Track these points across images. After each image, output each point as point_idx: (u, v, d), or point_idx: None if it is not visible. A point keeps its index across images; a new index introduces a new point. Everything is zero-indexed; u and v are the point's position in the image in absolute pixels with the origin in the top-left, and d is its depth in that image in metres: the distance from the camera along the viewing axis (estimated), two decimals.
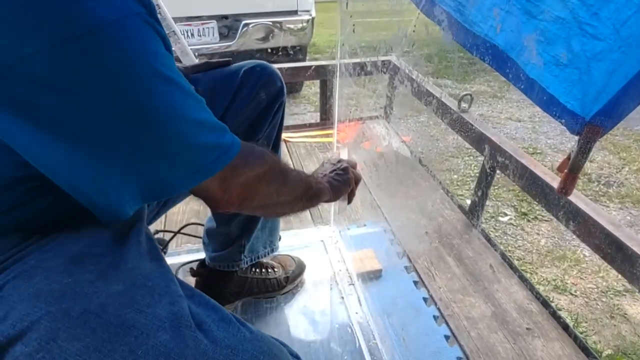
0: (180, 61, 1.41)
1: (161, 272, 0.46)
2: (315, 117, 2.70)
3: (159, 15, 1.34)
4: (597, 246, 1.01)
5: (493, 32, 0.80)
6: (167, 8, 1.49)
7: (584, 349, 1.08)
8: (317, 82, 2.20)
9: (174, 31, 1.30)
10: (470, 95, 1.53)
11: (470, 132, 1.44)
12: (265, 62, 0.86)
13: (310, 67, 1.67)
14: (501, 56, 0.80)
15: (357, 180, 0.83)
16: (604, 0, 0.65)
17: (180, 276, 1.16)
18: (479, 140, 1.42)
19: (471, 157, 2.76)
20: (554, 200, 1.12)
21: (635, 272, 0.92)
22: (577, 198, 1.06)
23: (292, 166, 0.69)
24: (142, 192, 0.45)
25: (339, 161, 0.83)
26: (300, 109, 3.59)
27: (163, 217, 1.47)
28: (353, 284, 1.21)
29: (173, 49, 1.38)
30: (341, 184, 0.78)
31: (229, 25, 3.00)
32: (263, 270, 1.11)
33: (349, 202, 0.85)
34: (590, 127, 0.72)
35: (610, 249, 0.97)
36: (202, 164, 0.47)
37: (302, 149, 2.01)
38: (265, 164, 0.56)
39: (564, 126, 0.76)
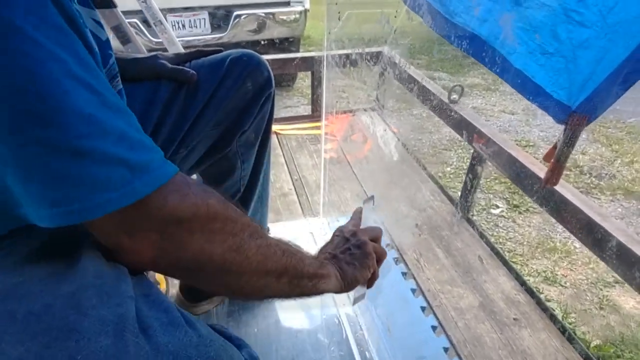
0: (167, 50, 1.39)
1: (114, 273, 0.42)
2: (309, 110, 2.68)
3: (143, 4, 1.30)
4: (583, 236, 1.01)
5: (476, 23, 0.79)
6: None
7: (571, 338, 1.08)
8: (309, 73, 2.18)
9: (160, 20, 1.27)
10: (461, 86, 1.53)
11: (458, 123, 1.44)
12: (252, 52, 0.84)
13: (297, 58, 1.65)
14: (484, 47, 0.79)
15: (379, 258, 0.64)
16: None
17: None
18: (467, 131, 1.41)
19: (464, 150, 2.76)
20: (537, 189, 1.12)
21: (615, 259, 0.92)
22: (563, 188, 1.05)
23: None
24: None
25: (354, 233, 0.64)
26: (293, 102, 3.57)
27: None
28: None
29: (160, 39, 1.36)
30: (355, 269, 0.59)
31: (220, 16, 2.97)
32: None
33: (369, 286, 0.66)
34: (576, 117, 0.71)
35: (595, 238, 0.97)
36: (94, 185, 0.35)
37: (294, 141, 2.00)
38: (206, 209, 0.42)
39: (549, 116, 0.76)
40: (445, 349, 1.03)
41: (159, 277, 1.09)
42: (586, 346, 1.47)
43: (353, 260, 0.60)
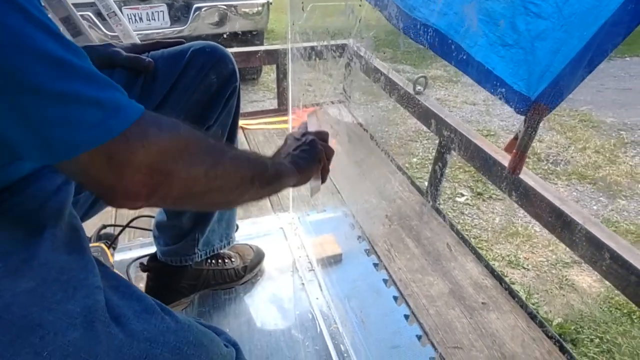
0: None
1: (80, 264, 0.42)
2: (275, 104, 2.65)
3: None
4: (545, 220, 1.05)
5: (435, 17, 0.79)
6: None
7: (535, 318, 1.13)
8: (274, 67, 2.15)
9: (114, 12, 1.21)
10: (425, 77, 1.55)
11: (425, 115, 1.46)
12: (215, 44, 0.81)
13: (261, 51, 1.63)
14: (444, 40, 0.80)
15: (328, 154, 0.70)
16: None
17: (131, 272, 1.10)
18: (433, 122, 1.44)
19: (429, 141, 2.82)
20: (502, 177, 1.16)
21: (575, 240, 0.96)
22: (525, 175, 1.09)
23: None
24: None
25: (304, 135, 0.70)
26: (259, 96, 3.52)
27: (113, 210, 1.39)
28: (313, 270, 1.20)
29: (114, 31, 1.29)
30: (308, 161, 0.65)
31: (179, 9, 2.87)
32: (219, 261, 1.08)
33: (323, 180, 0.72)
34: (536, 107, 0.73)
35: (556, 221, 1.01)
36: (71, 125, 0.35)
37: (260, 135, 1.97)
38: (180, 136, 0.44)
39: (510, 107, 0.78)
40: (418, 337, 1.05)
41: None
42: (549, 324, 1.54)
43: (304, 154, 0.66)
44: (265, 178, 0.57)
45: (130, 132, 0.38)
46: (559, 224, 1.02)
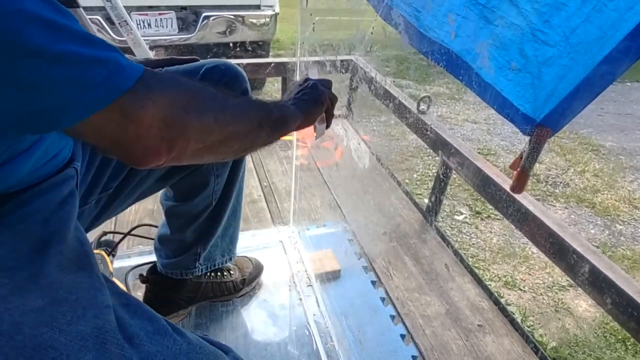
0: (132, 53, 1.34)
1: (88, 282, 0.42)
2: None
3: (108, 3, 1.24)
4: (542, 244, 1.06)
5: (448, 38, 0.81)
6: None
7: (531, 343, 1.12)
8: (280, 78, 2.16)
9: (125, 21, 1.22)
10: (429, 97, 1.56)
11: (428, 135, 1.47)
12: (229, 62, 0.81)
13: (270, 64, 1.64)
14: (456, 61, 0.81)
15: (332, 99, 0.70)
16: (556, 8, 0.67)
17: (130, 280, 1.09)
18: (436, 143, 1.45)
19: (430, 157, 2.83)
20: (503, 201, 1.16)
21: (572, 267, 0.96)
22: (524, 199, 1.10)
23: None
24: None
25: (306, 80, 0.70)
26: None
27: (113, 217, 1.39)
28: (311, 285, 1.20)
29: (123, 38, 1.30)
30: (311, 103, 0.65)
31: (188, 17, 2.90)
32: (219, 274, 1.07)
33: (328, 125, 0.73)
34: (540, 129, 0.74)
35: (553, 247, 1.02)
36: (80, 85, 0.35)
37: None
38: (183, 87, 0.44)
39: (516, 128, 0.79)
40: (414, 358, 1.04)
41: None
42: (543, 348, 1.53)
43: (307, 97, 0.66)
44: (272, 121, 0.57)
45: (136, 88, 0.38)
46: (556, 250, 1.02)
